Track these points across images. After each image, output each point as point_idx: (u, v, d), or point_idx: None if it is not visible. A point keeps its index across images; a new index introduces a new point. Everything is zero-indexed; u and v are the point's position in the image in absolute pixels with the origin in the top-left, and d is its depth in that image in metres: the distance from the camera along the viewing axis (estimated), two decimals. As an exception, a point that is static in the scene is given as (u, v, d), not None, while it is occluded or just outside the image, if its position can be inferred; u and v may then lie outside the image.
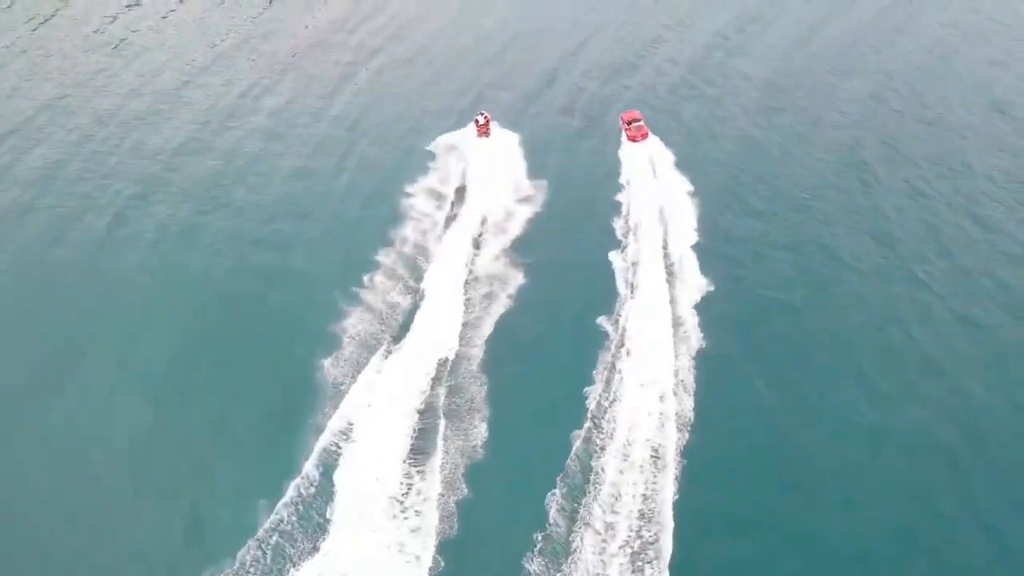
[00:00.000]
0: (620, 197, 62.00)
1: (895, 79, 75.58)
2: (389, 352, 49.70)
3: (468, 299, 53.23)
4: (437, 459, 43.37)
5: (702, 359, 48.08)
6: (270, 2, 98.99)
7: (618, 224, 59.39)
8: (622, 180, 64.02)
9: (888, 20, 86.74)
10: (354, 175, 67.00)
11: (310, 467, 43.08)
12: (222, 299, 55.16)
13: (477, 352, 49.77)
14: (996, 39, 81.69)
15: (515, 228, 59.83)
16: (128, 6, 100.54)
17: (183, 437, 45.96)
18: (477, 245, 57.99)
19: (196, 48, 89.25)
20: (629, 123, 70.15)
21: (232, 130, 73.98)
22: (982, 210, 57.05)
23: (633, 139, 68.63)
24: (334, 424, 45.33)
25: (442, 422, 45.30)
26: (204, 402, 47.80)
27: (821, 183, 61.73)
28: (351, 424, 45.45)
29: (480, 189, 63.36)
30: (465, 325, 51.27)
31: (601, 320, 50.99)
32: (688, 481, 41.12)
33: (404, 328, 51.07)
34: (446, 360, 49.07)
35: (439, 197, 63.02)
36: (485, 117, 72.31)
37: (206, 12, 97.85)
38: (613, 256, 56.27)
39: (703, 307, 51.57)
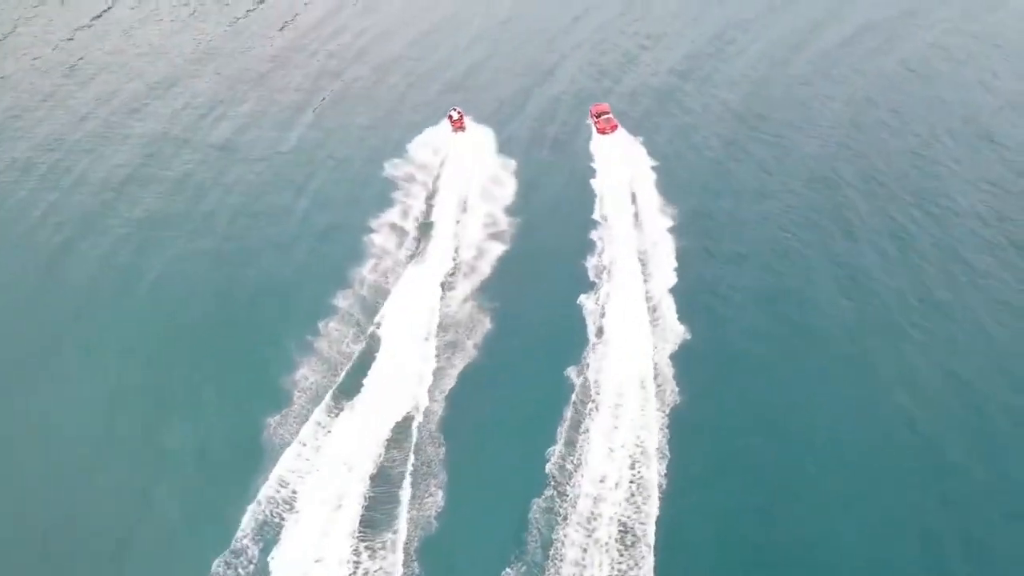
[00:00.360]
0: (594, 235, 58.55)
1: (878, 105, 72.62)
2: (341, 409, 46.12)
3: (430, 349, 49.72)
4: (389, 534, 39.91)
5: (676, 415, 44.87)
6: (236, 20, 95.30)
7: (591, 264, 56.00)
8: (596, 216, 60.70)
9: (869, 41, 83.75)
10: (312, 208, 63.26)
11: (247, 542, 39.66)
12: (161, 346, 51.54)
13: (437, 408, 46.36)
14: (984, 61, 78.94)
15: (485, 267, 56.37)
16: (88, 24, 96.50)
17: (105, 504, 42.40)
18: (443, 287, 54.51)
19: (156, 69, 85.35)
20: (598, 116, 70.53)
21: (185, 160, 70.09)
22: (970, 252, 53.80)
23: (603, 131, 69.12)
24: (276, 492, 41.81)
25: (396, 490, 41.86)
26: (133, 465, 44.35)
27: (801, 221, 58.41)
28: (295, 493, 41.86)
29: (449, 224, 59.94)
30: (425, 379, 47.79)
31: (570, 372, 47.66)
32: (661, 559, 37.93)
33: (359, 382, 47.53)
34: (403, 418, 45.61)
35: (402, 233, 59.47)
36: (459, 112, 70.68)
37: (170, 31, 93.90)
38: (585, 299, 52.91)
39: (679, 357, 48.34)
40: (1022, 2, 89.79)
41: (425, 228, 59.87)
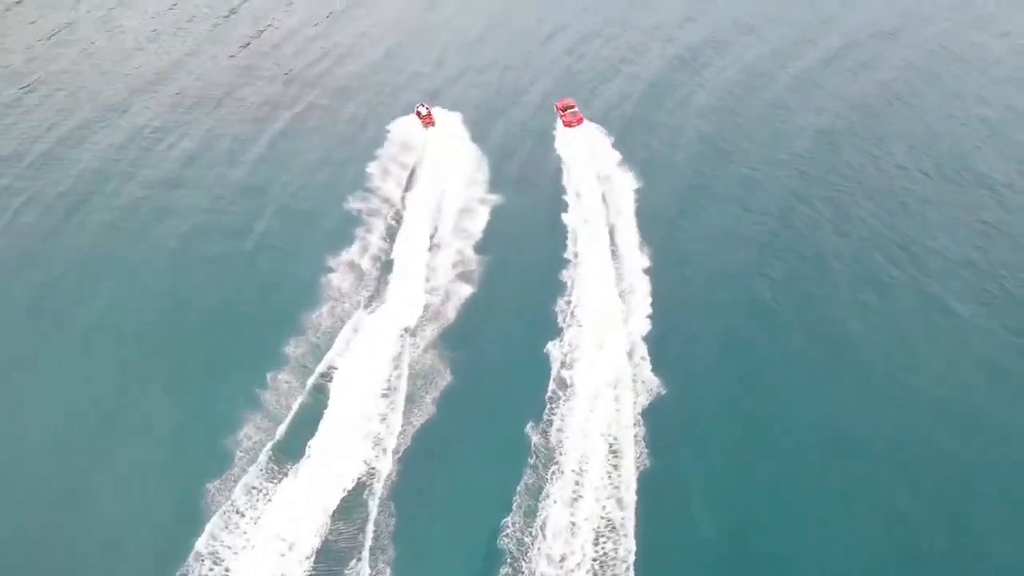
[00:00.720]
0: (565, 275, 55.29)
1: (860, 135, 68.83)
2: (285, 474, 42.65)
3: (387, 406, 46.16)
4: (328, 621, 36.58)
5: (647, 482, 41.58)
6: (199, 39, 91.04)
7: (561, 308, 52.67)
8: (568, 254, 57.37)
9: (851, 62, 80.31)
10: (263, 245, 59.38)
11: (174, 630, 36.22)
12: (91, 398, 47.87)
13: (390, 472, 42.88)
14: (971, 85, 75.96)
15: (450, 312, 52.86)
16: (48, 37, 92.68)
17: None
18: (405, 334, 50.64)
19: (113, 91, 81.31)
20: (564, 110, 71.96)
21: (133, 190, 66.22)
22: (957, 301, 50.58)
23: (569, 124, 70.85)
24: (208, 570, 38.28)
25: (341, 568, 38.45)
26: (51, 535, 40.78)
27: (778, 265, 55.01)
28: (228, 571, 38.35)
29: (414, 264, 56.09)
30: (380, 440, 44.38)
31: (532, 430, 44.35)
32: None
33: (306, 443, 44.01)
34: (354, 485, 42.13)
35: (362, 273, 55.90)
36: (427, 107, 71.88)
37: (131, 50, 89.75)
38: (552, 347, 49.58)
39: (652, 414, 45.05)
40: (1008, 22, 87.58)
41: (388, 268, 56.37)
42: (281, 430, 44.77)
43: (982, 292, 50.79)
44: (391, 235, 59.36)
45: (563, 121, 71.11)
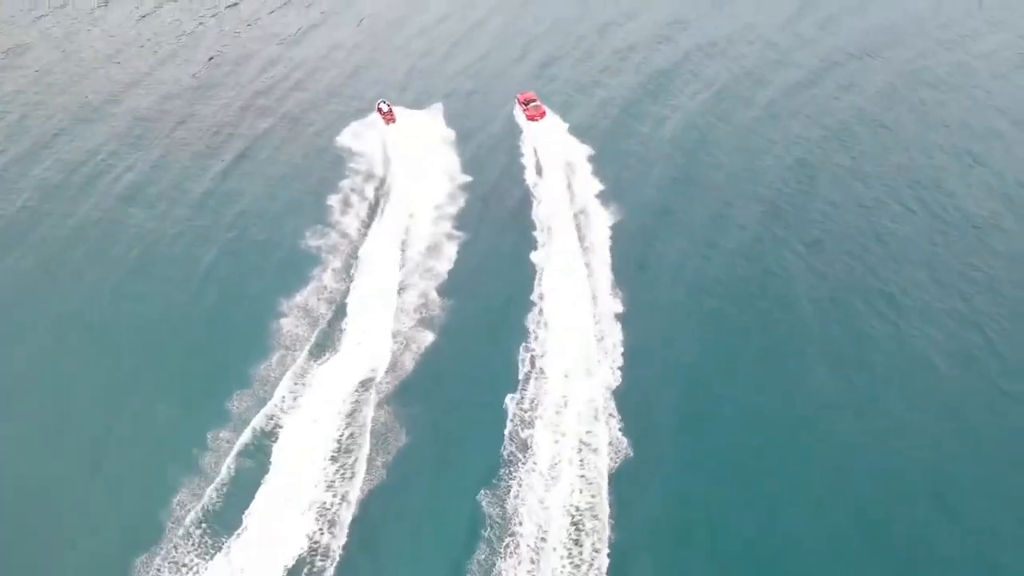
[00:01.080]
0: (531, 319, 52.28)
1: (842, 166, 65.81)
2: (218, 548, 39.38)
3: (335, 471, 43.03)
4: None
5: (611, 558, 38.58)
6: (162, 58, 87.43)
7: (525, 357, 49.62)
8: (535, 296, 54.47)
9: (830, 85, 77.66)
10: (209, 284, 55.79)
11: None
12: (9, 461, 44.47)
13: (335, 546, 39.74)
14: (956, 107, 73.85)
15: (408, 362, 49.51)
16: (1, 56, 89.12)
17: None
18: (359, 388, 47.42)
19: (67, 111, 78.00)
20: (526, 103, 72.08)
21: (77, 221, 62.92)
22: (940, 357, 47.63)
23: (532, 118, 70.84)
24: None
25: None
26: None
27: (749, 312, 51.99)
28: (150, 668, 35.20)
29: (375, 308, 52.68)
30: (324, 510, 41.19)
31: (486, 498, 41.29)
32: None
33: (243, 513, 40.77)
34: (295, 562, 38.90)
35: (317, 318, 52.54)
36: (388, 104, 72.93)
37: (89, 67, 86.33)
38: (510, 402, 46.46)
39: (619, 481, 42.01)
40: (995, 40, 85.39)
41: (345, 313, 52.75)
42: (218, 497, 41.57)
43: (966, 346, 48.00)
44: (350, 275, 56.08)
45: (526, 115, 70.88)
